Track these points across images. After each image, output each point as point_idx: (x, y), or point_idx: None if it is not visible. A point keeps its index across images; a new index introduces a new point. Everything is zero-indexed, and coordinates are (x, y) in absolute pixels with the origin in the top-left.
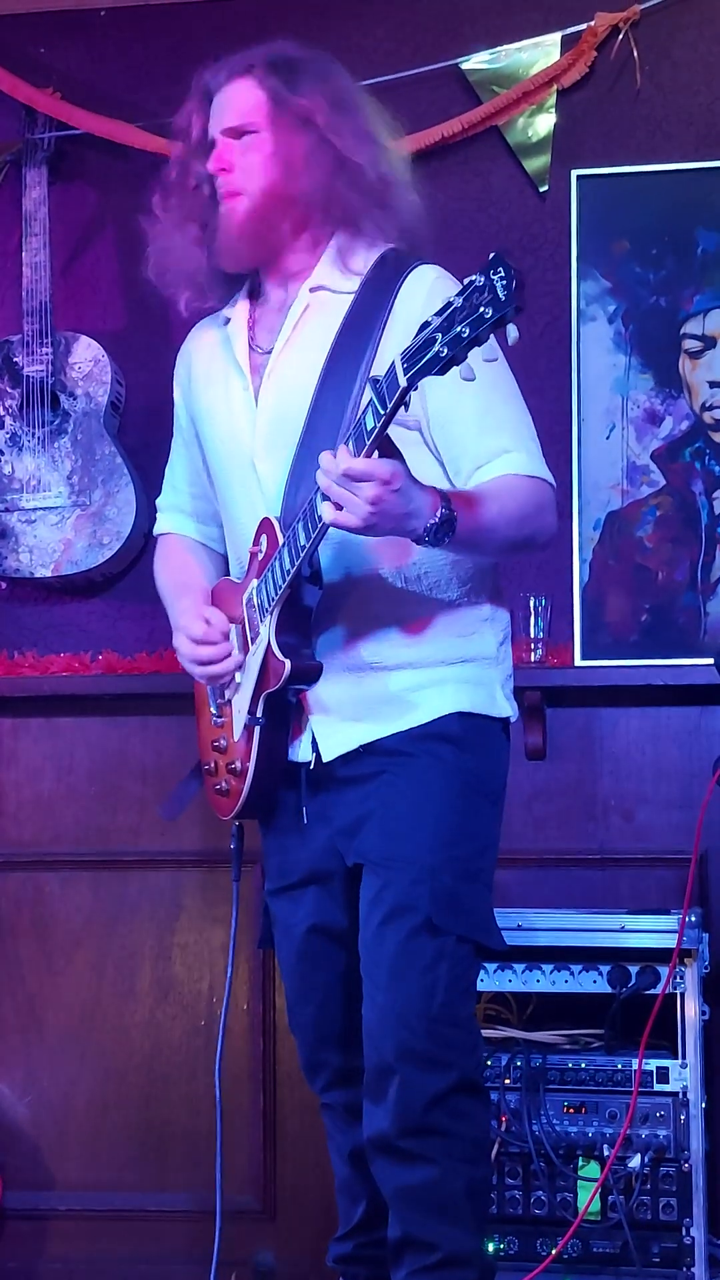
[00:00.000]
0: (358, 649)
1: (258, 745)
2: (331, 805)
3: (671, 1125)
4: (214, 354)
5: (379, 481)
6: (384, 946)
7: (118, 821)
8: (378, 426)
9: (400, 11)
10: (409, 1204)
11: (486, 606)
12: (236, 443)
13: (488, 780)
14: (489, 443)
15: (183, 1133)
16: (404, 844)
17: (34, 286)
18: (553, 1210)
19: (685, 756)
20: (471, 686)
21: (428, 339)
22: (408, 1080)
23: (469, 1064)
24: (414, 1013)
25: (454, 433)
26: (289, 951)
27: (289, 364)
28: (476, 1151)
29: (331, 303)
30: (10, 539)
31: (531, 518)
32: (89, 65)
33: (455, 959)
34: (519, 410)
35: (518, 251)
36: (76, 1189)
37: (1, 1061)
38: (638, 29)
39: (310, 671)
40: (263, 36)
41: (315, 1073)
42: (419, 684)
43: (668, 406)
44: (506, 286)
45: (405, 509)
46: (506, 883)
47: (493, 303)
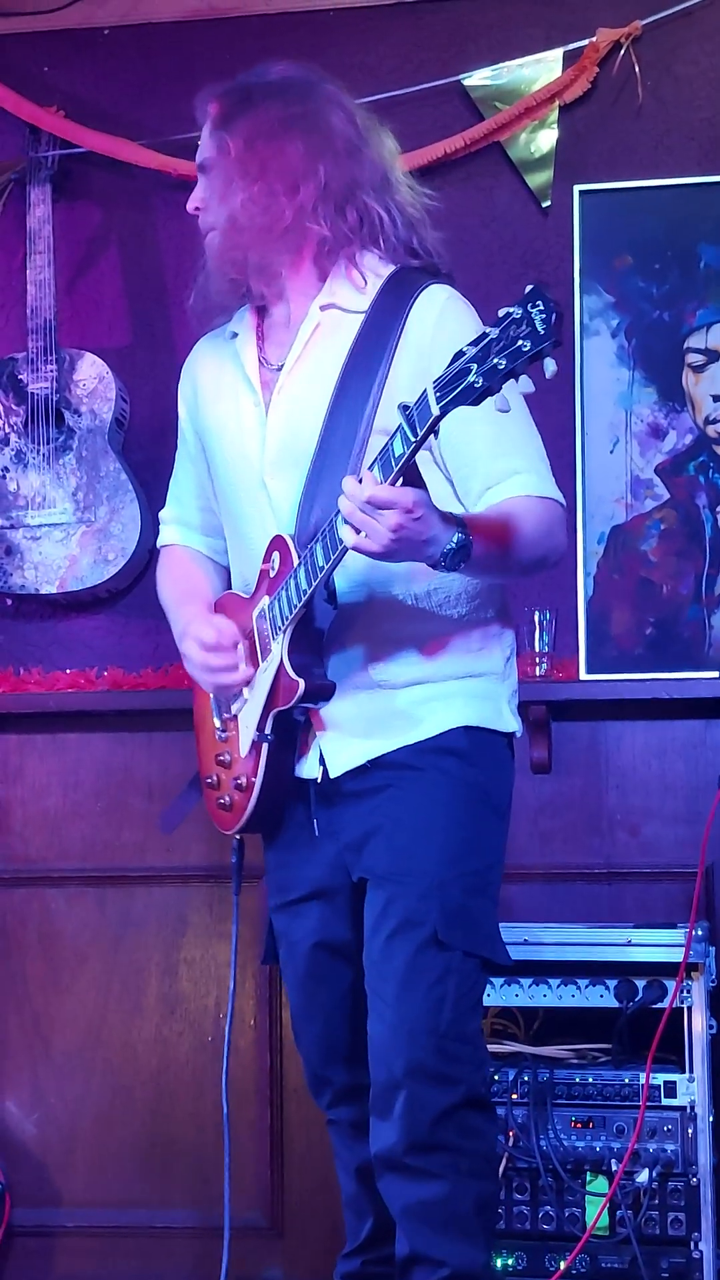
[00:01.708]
0: (367, 667)
1: (265, 762)
2: (337, 820)
3: (679, 1139)
4: (222, 369)
5: (402, 510)
6: (391, 961)
7: (123, 837)
8: (406, 453)
9: (403, 28)
10: (417, 1220)
11: (495, 624)
12: (246, 460)
13: (494, 794)
14: (500, 464)
15: (190, 1149)
16: (411, 858)
17: (38, 304)
18: (561, 1225)
19: (691, 770)
20: (478, 701)
21: (462, 369)
22: (415, 1096)
23: (476, 1079)
24: (422, 1028)
25: (466, 454)
26: (294, 968)
27: (300, 382)
28: (485, 1167)
29: (343, 321)
30: (16, 555)
31: (544, 539)
32: (93, 83)
33: (462, 974)
34: (529, 431)
35: (521, 266)
36: (84, 1206)
37: (8, 1079)
38: (639, 44)
39: (323, 691)
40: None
41: (320, 1089)
42: (426, 699)
43: (671, 420)
44: (546, 320)
45: (424, 536)
46: (513, 897)
47: (531, 336)
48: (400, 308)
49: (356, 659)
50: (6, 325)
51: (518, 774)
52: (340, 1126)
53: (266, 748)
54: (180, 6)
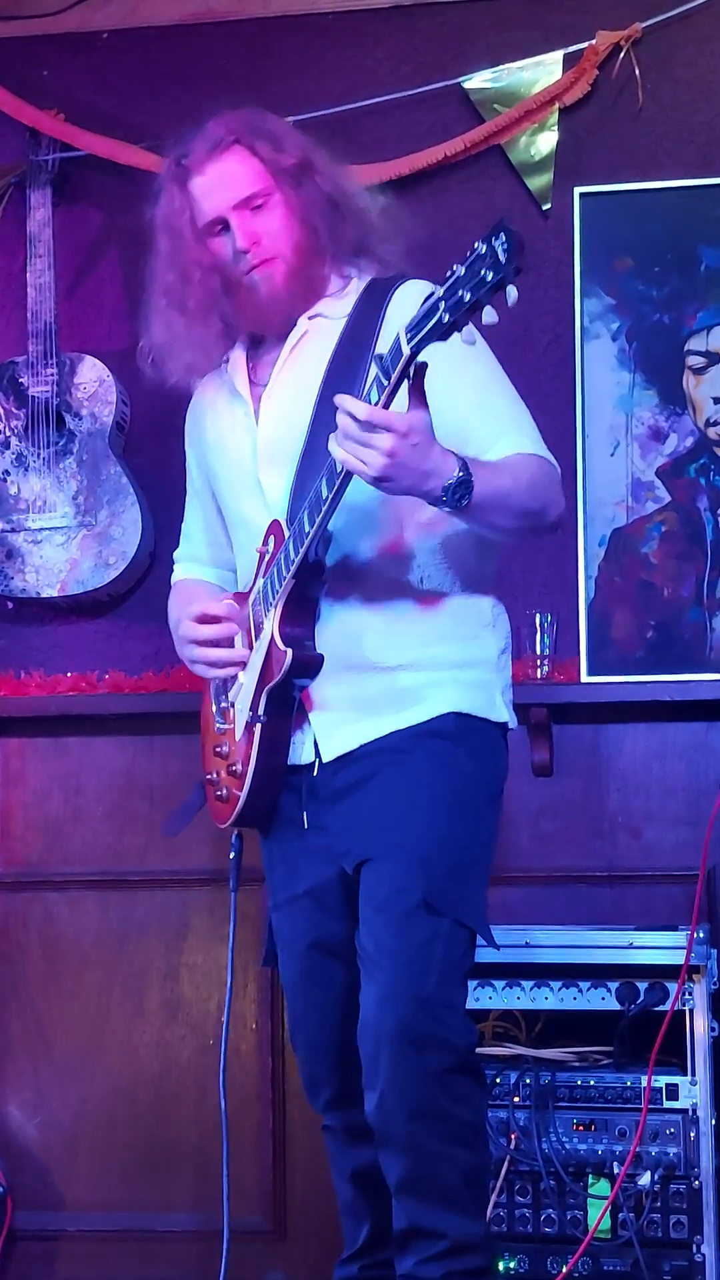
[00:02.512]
0: (360, 649)
1: (258, 743)
2: (327, 813)
3: (681, 1142)
4: (219, 394)
5: (398, 434)
6: (378, 929)
7: (125, 841)
8: (381, 399)
9: (402, 31)
10: (410, 1194)
11: (488, 611)
12: (242, 464)
13: (484, 781)
14: (490, 427)
15: (192, 1152)
16: (397, 836)
17: (39, 307)
18: (563, 1228)
19: (692, 773)
20: (471, 689)
21: (431, 307)
22: (403, 1058)
23: (463, 1045)
24: (408, 991)
25: (455, 428)
26: (291, 969)
27: (287, 383)
28: (471, 1135)
29: (327, 327)
30: (16, 559)
31: (541, 490)
32: (92, 87)
33: (450, 943)
34: (515, 402)
35: None
36: (86, 1209)
37: (10, 1083)
38: (639, 47)
39: (312, 663)
40: (265, 58)
41: (316, 1091)
42: (419, 684)
43: (672, 423)
44: (506, 249)
45: (422, 466)
46: (514, 900)
47: (493, 265)
48: (380, 303)
49: (349, 641)
50: (7, 329)
51: (518, 777)
52: (335, 1132)
53: (260, 728)
54: (179, 10)
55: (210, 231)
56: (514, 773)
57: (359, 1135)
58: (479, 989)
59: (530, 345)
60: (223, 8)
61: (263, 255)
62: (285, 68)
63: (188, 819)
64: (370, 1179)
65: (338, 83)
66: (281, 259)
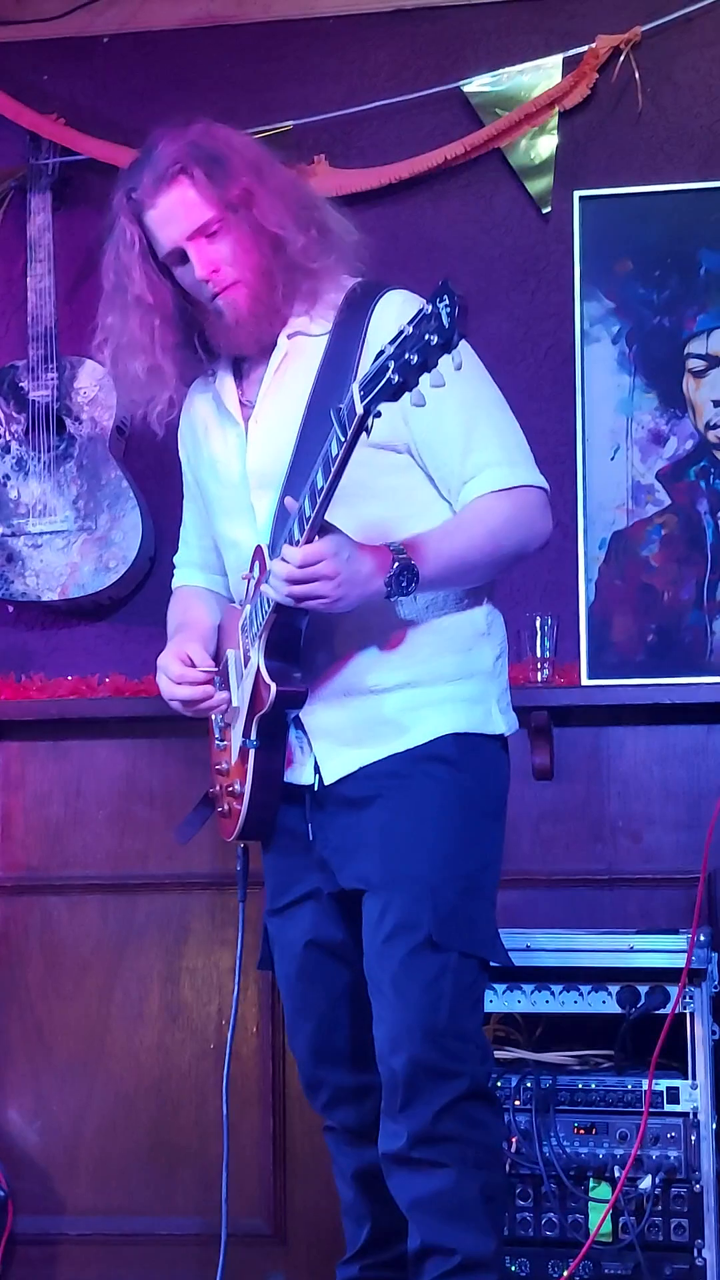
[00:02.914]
0: (355, 673)
1: (253, 768)
2: (330, 827)
3: (682, 1146)
4: (210, 412)
5: (329, 557)
6: (388, 964)
7: (125, 845)
8: (340, 453)
9: (402, 35)
10: (425, 1212)
11: (482, 620)
12: (234, 485)
13: (486, 798)
14: (473, 460)
15: (193, 1156)
16: (403, 864)
17: (39, 312)
18: (564, 1232)
19: (693, 776)
20: (468, 705)
21: (381, 367)
22: (418, 1090)
23: (479, 1073)
24: (419, 1028)
25: (439, 453)
26: (288, 969)
27: (273, 405)
28: (490, 1157)
29: (309, 345)
30: (17, 563)
31: (514, 531)
32: (92, 91)
33: (459, 974)
34: (502, 421)
35: (521, 273)
36: (87, 1214)
37: (11, 1087)
38: (639, 51)
39: (295, 697)
40: (265, 62)
41: (315, 1091)
42: (415, 704)
43: (672, 426)
44: (450, 314)
45: (362, 570)
46: (515, 904)
47: (438, 330)
48: (361, 318)
49: (345, 665)
50: (7, 333)
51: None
52: (336, 1133)
53: (253, 754)
54: (179, 14)
55: (173, 262)
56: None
57: (360, 1136)
58: None
59: (530, 349)
60: (223, 12)
61: (223, 282)
62: (285, 72)
63: (198, 825)
64: (372, 1180)
65: (338, 87)
66: (243, 283)
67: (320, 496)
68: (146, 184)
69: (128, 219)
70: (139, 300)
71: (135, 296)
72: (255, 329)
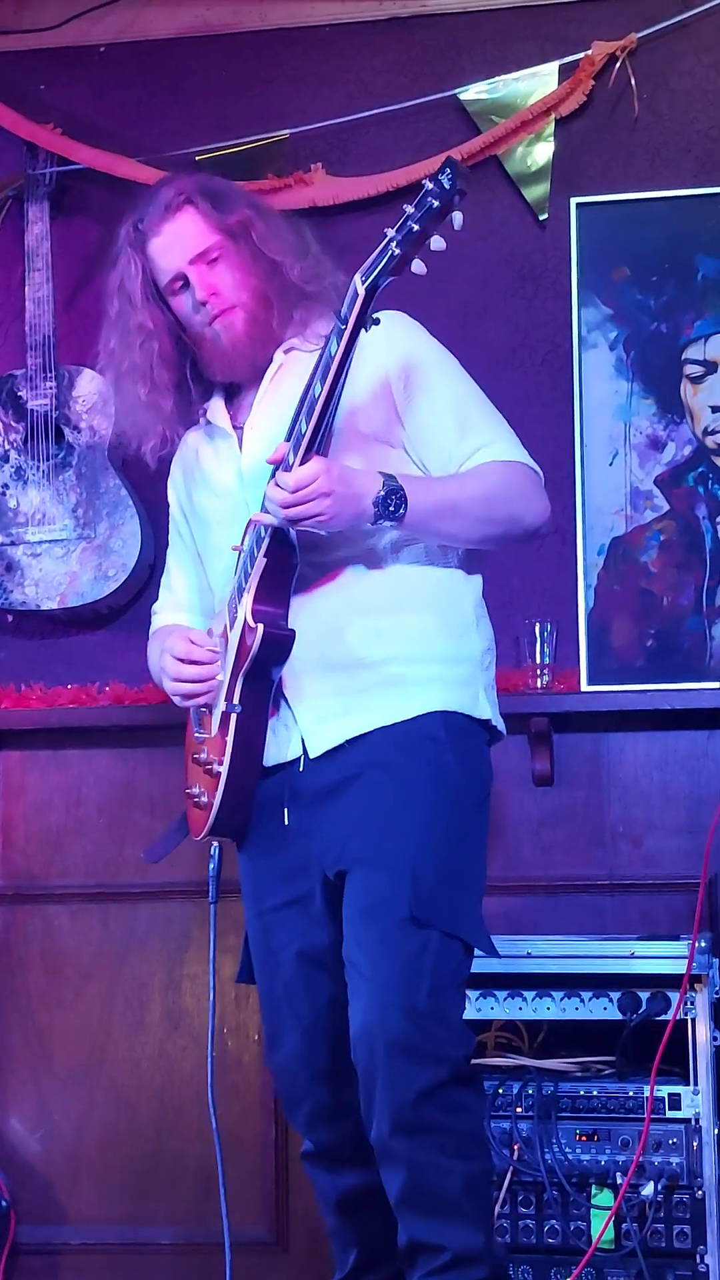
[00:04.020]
0: (344, 644)
1: (234, 736)
2: (310, 817)
3: (684, 1152)
4: (200, 438)
5: (320, 474)
6: (366, 942)
7: (126, 853)
8: (340, 349)
9: (399, 43)
10: (410, 1208)
11: (470, 611)
12: (228, 492)
13: (469, 785)
14: (467, 443)
15: (195, 1165)
16: (385, 842)
17: (37, 321)
18: (566, 1239)
19: (693, 781)
20: (456, 687)
21: (384, 247)
22: (397, 1074)
23: (459, 1056)
24: (399, 1006)
25: (432, 443)
26: (272, 978)
27: (267, 413)
28: (472, 1145)
29: (303, 360)
30: (16, 572)
31: (513, 496)
32: (89, 101)
33: (440, 955)
34: (489, 410)
35: (518, 280)
36: (90, 1223)
37: (13, 1096)
38: (635, 58)
39: (284, 641)
40: (262, 70)
41: (295, 1107)
42: (404, 679)
43: (670, 432)
44: (450, 177)
45: (351, 489)
46: (516, 910)
47: (439, 194)
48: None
49: (333, 637)
50: (5, 342)
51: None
52: (314, 1159)
53: (235, 720)
54: (175, 23)
55: (172, 290)
56: (515, 782)
57: (339, 1160)
58: (481, 999)
59: (528, 355)
60: (219, 21)
61: (221, 305)
62: (282, 80)
63: (169, 848)
64: (356, 1205)
65: (334, 95)
66: (241, 307)
67: (318, 407)
68: (152, 215)
69: (132, 249)
70: (140, 327)
71: (137, 324)
72: (250, 352)
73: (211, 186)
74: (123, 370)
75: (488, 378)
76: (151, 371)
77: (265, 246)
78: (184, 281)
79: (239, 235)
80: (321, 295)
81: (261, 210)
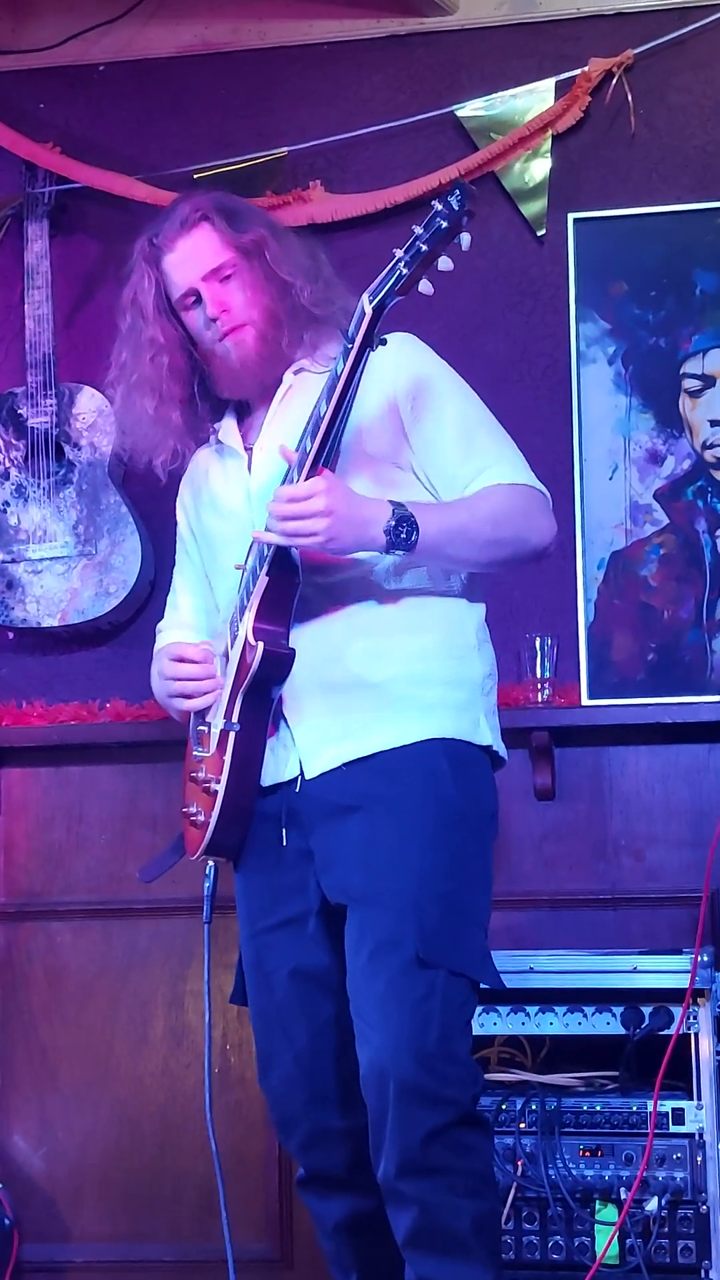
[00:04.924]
0: (344, 665)
1: (231, 754)
2: (312, 838)
3: (688, 1167)
4: (211, 460)
5: (322, 492)
6: (373, 984)
7: (128, 869)
8: (345, 369)
9: (396, 61)
10: (418, 1249)
11: (473, 634)
12: (236, 512)
13: (472, 815)
14: (472, 464)
15: (199, 1182)
16: (387, 880)
17: (37, 339)
18: (570, 1255)
19: (695, 795)
20: (456, 711)
21: (392, 267)
22: (406, 1116)
23: (467, 1098)
24: (408, 1049)
25: (440, 462)
26: (266, 998)
27: (277, 432)
28: (481, 1185)
29: (312, 381)
30: (17, 589)
31: (518, 517)
32: (88, 120)
33: (448, 994)
34: (496, 432)
35: (516, 295)
36: (93, 1240)
37: (16, 1113)
38: (631, 74)
39: (284, 659)
40: (261, 89)
41: (289, 1131)
42: (404, 702)
43: (669, 446)
44: (459, 199)
45: (358, 514)
46: (518, 924)
47: (447, 215)
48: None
49: (334, 658)
50: (6, 360)
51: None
52: (310, 1185)
53: (234, 738)
54: (174, 42)
55: (184, 305)
56: (516, 796)
57: (336, 1184)
58: (484, 1014)
59: (527, 370)
60: (218, 39)
61: (232, 322)
62: (281, 98)
63: (164, 867)
64: (355, 1232)
65: (333, 112)
66: (251, 325)
67: (324, 425)
68: (168, 230)
69: (146, 263)
70: (152, 341)
71: (149, 338)
72: (259, 371)
73: (228, 204)
74: (132, 383)
75: (487, 392)
76: (162, 385)
77: (278, 267)
78: (196, 297)
79: (252, 254)
80: (331, 319)
81: (277, 231)
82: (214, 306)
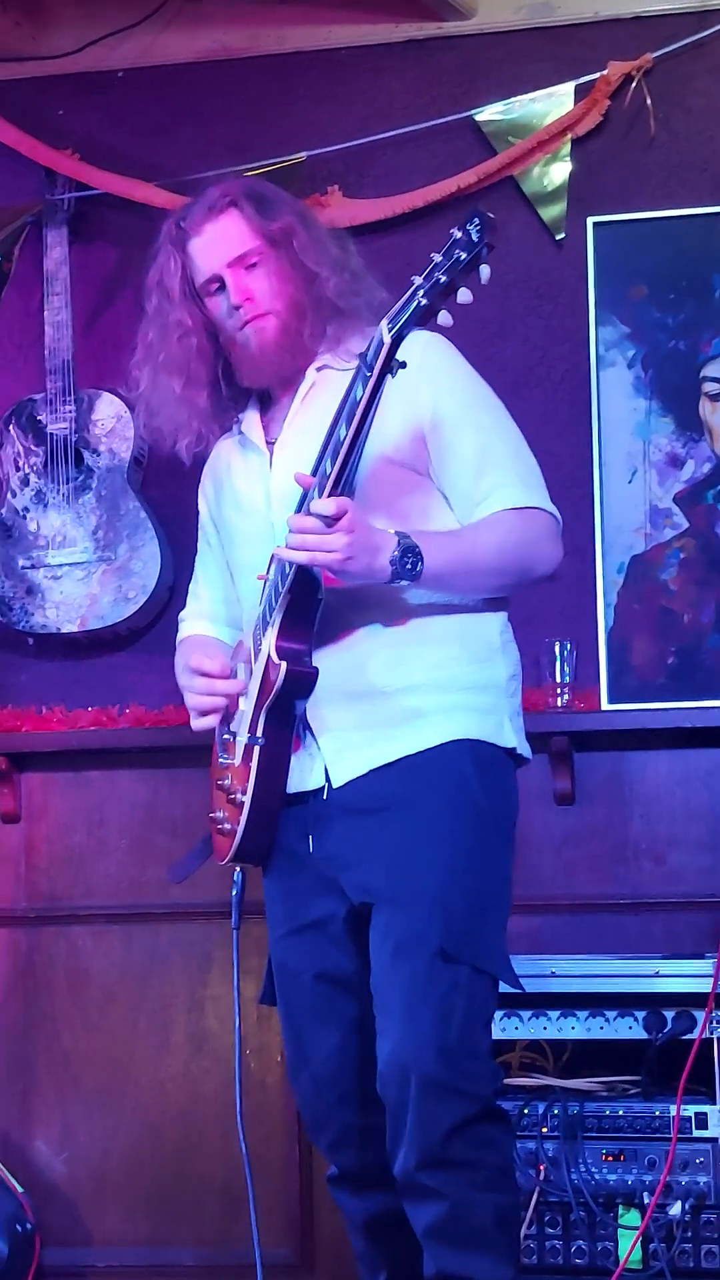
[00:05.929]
0: (366, 675)
1: (257, 767)
2: (333, 844)
3: (712, 1171)
4: (234, 452)
5: (345, 513)
6: (396, 979)
7: (148, 874)
8: (365, 395)
9: (415, 65)
10: (438, 1240)
11: (496, 636)
12: (256, 511)
13: (496, 815)
14: (487, 481)
15: (221, 1186)
16: (412, 878)
17: (56, 345)
18: (594, 1260)
19: (715, 798)
20: (480, 714)
21: (411, 295)
22: (427, 1111)
23: (488, 1092)
24: (431, 1045)
25: (454, 473)
26: (294, 1001)
27: (298, 432)
28: (502, 1179)
29: (335, 378)
30: (37, 595)
31: (524, 546)
32: (107, 126)
33: (471, 990)
34: (516, 446)
35: (535, 299)
36: (114, 1245)
37: (38, 1118)
38: (650, 77)
39: (307, 678)
40: (279, 94)
41: (320, 1130)
42: (429, 708)
43: (689, 449)
44: (479, 229)
45: (371, 541)
46: (539, 929)
47: (467, 246)
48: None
49: (355, 667)
50: (25, 367)
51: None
52: (340, 1183)
53: (259, 751)
54: (193, 48)
55: (208, 291)
56: (536, 801)
57: (366, 1183)
58: (505, 1019)
59: (546, 374)
60: (237, 45)
61: (255, 311)
62: (299, 103)
63: (193, 867)
64: (384, 1228)
65: (351, 117)
66: (274, 314)
67: (344, 450)
68: (196, 214)
69: (173, 246)
70: (179, 323)
71: (175, 320)
72: (279, 361)
73: (259, 191)
74: (159, 363)
75: (507, 396)
76: (188, 366)
77: (305, 256)
78: (220, 283)
79: (280, 242)
80: (356, 312)
81: (306, 220)
82: (237, 294)
